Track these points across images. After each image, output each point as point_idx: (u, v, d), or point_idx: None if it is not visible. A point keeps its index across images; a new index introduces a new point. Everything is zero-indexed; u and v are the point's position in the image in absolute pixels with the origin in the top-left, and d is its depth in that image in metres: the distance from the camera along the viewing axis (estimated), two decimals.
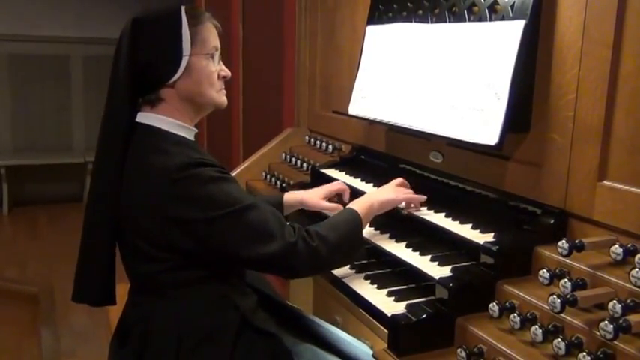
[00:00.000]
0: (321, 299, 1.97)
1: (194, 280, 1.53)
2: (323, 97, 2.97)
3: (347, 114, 2.30)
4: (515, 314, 1.36)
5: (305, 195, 1.98)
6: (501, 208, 1.74)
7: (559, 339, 1.24)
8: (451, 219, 1.77)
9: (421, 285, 1.67)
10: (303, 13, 3.07)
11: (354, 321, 1.71)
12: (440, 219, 1.79)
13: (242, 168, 2.99)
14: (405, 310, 1.48)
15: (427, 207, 1.88)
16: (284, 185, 2.58)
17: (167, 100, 1.56)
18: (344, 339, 1.71)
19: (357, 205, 1.72)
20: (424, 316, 1.43)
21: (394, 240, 1.82)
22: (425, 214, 1.84)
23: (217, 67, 1.62)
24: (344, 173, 2.35)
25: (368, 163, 2.41)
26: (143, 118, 1.57)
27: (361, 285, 1.72)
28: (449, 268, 1.58)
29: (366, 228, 1.84)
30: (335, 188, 2.00)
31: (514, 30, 1.60)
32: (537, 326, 1.29)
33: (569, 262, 1.41)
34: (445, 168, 1.99)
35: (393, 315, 1.47)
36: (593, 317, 1.27)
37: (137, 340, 1.55)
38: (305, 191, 2.03)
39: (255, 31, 3.87)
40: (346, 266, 1.77)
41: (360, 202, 1.75)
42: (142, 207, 1.49)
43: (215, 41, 1.61)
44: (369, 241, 1.84)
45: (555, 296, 1.27)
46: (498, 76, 1.62)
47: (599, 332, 1.18)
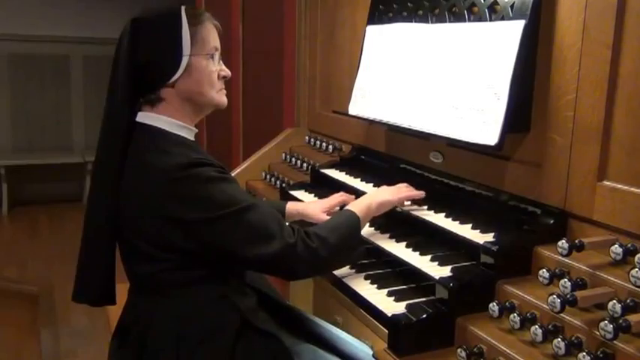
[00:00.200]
0: (322, 299, 1.97)
1: (194, 280, 1.53)
2: (323, 97, 2.97)
3: (347, 114, 2.30)
4: (515, 314, 1.36)
5: (306, 207, 1.98)
6: (501, 208, 1.74)
7: (559, 339, 1.24)
8: (451, 219, 1.77)
9: (421, 285, 1.67)
10: (303, 13, 3.07)
11: (355, 321, 1.70)
12: (440, 219, 1.79)
13: (242, 168, 2.99)
14: (405, 310, 1.48)
15: (427, 207, 1.88)
16: (284, 185, 2.58)
17: (167, 100, 1.56)
18: (344, 339, 1.71)
19: (356, 207, 1.73)
20: (424, 316, 1.43)
21: (394, 240, 1.82)
22: (425, 214, 1.84)
23: (217, 67, 1.62)
24: (344, 173, 2.35)
25: (368, 163, 2.41)
26: (143, 118, 1.57)
27: (361, 285, 1.72)
28: (449, 268, 1.58)
29: (366, 228, 1.85)
30: (336, 202, 1.99)
31: (514, 30, 1.60)
32: (537, 326, 1.29)
33: (569, 262, 1.41)
34: (445, 168, 1.99)
35: (393, 315, 1.47)
36: (593, 317, 1.27)
37: (137, 340, 1.55)
38: (306, 203, 2.03)
39: (255, 31, 3.87)
40: (346, 266, 1.77)
41: (359, 204, 1.76)
42: (142, 207, 1.49)
43: (215, 41, 1.61)
44: (369, 241, 1.84)
45: (555, 296, 1.27)
46: (498, 76, 1.62)
47: (599, 332, 1.18)
